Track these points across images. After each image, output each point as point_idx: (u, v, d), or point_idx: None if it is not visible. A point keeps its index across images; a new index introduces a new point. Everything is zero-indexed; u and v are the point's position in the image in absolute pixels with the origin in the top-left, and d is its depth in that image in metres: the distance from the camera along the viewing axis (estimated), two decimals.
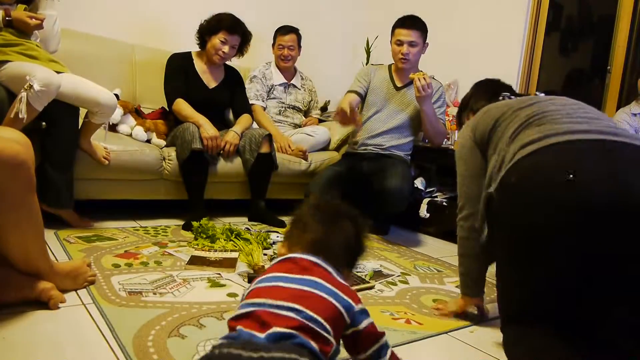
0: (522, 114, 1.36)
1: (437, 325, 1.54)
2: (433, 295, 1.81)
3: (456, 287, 1.85)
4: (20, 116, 1.69)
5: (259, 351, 0.81)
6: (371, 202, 2.67)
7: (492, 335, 1.50)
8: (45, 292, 1.37)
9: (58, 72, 1.94)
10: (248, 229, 2.45)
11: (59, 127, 2.04)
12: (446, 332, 1.50)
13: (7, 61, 1.85)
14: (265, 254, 2.06)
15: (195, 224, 2.20)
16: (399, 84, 2.72)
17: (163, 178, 2.47)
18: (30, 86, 1.71)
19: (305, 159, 2.88)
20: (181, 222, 2.47)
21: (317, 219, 1.11)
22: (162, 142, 2.58)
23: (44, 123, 2.04)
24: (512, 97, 1.64)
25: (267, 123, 2.97)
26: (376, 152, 2.69)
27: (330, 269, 1.03)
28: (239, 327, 0.90)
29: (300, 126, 3.24)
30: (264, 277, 1.02)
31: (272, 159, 2.67)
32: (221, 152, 2.58)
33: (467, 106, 1.82)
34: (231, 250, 2.04)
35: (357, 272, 1.96)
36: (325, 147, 3.13)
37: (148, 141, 2.56)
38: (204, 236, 2.15)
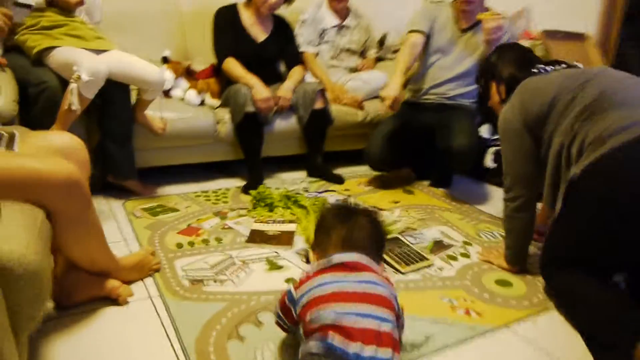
0: (585, 94, 1.43)
1: (498, 316, 1.49)
2: (495, 275, 1.74)
3: None
4: (73, 108, 1.70)
5: None
6: (434, 159, 2.55)
7: (554, 329, 1.44)
8: (114, 290, 1.45)
9: (105, 51, 1.91)
10: (306, 190, 2.43)
11: (113, 104, 2.05)
12: (507, 326, 1.45)
13: (55, 47, 1.84)
14: None
15: (252, 192, 2.21)
16: (464, 25, 2.45)
17: (219, 140, 2.47)
18: (79, 77, 1.70)
19: (362, 109, 2.75)
20: (241, 183, 2.50)
21: (336, 220, 1.25)
22: (216, 102, 2.54)
23: (97, 101, 2.06)
24: (548, 68, 1.64)
25: (319, 72, 2.83)
26: (440, 101, 2.50)
27: (370, 263, 1.15)
28: (330, 337, 1.00)
29: (356, 70, 3.06)
30: (320, 281, 1.11)
31: (327, 115, 2.57)
32: (275, 111, 2.51)
33: (492, 73, 1.80)
34: (289, 221, 2.05)
35: (417, 243, 1.92)
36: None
37: (202, 102, 2.53)
38: (262, 204, 2.16)
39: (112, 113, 2.06)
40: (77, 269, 1.42)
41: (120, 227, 1.98)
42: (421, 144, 2.54)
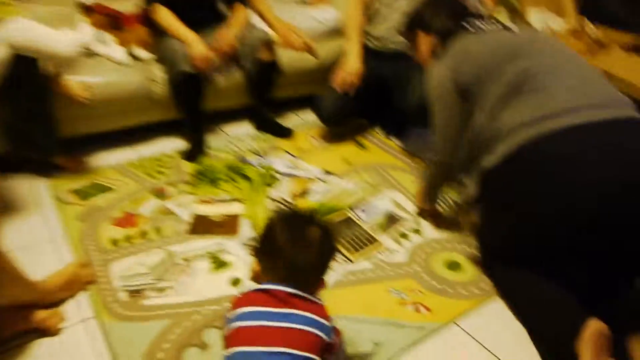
0: (509, 70, 1.35)
1: (447, 309, 1.49)
2: (447, 255, 1.71)
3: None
4: None
5: None
6: (389, 107, 2.40)
7: (499, 322, 1.45)
8: (42, 322, 1.34)
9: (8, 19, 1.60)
10: (254, 152, 2.27)
11: (19, 78, 1.76)
12: (455, 322, 1.45)
13: None
14: (270, 197, 1.95)
15: (193, 167, 2.05)
16: None
17: (154, 102, 2.22)
18: None
19: (316, 56, 2.49)
20: (181, 144, 2.31)
21: (286, 240, 1.08)
22: (147, 55, 2.25)
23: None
24: (482, 26, 1.52)
25: (264, 8, 2.49)
26: (395, 49, 2.27)
27: (305, 295, 1.05)
28: None
29: (305, 2, 2.74)
30: (245, 311, 1.03)
31: (275, 67, 2.33)
32: (218, 67, 2.25)
33: (421, 22, 1.68)
34: (234, 199, 1.92)
35: (368, 220, 1.85)
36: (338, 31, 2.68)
37: (133, 56, 2.23)
38: (205, 179, 2.02)
39: (17, 90, 1.79)
40: None
41: (47, 220, 1.81)
42: (375, 94, 2.37)
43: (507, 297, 1.48)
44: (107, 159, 2.19)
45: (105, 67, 2.12)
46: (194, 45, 2.07)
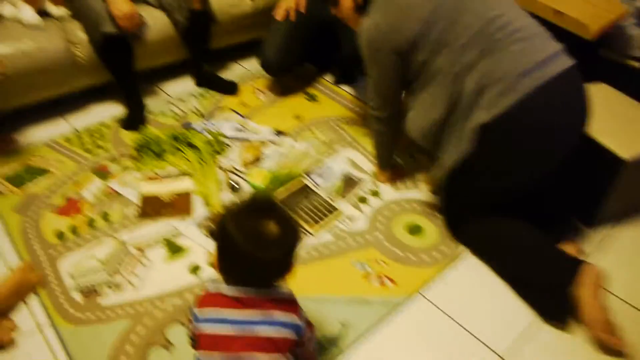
0: (467, 17, 1.34)
1: (411, 279, 1.50)
2: (408, 217, 1.71)
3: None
4: None
5: None
6: (336, 52, 2.27)
7: (464, 286, 1.49)
8: None
9: None
10: (197, 113, 2.13)
11: None
12: (420, 292, 1.48)
13: None
14: (220, 167, 1.86)
15: (133, 138, 1.90)
16: None
17: (79, 67, 2.00)
18: None
19: None
20: (118, 109, 2.14)
21: (244, 242, 0.95)
22: (63, 12, 1.99)
23: None
24: None
25: None
26: None
27: (273, 295, 1.01)
28: None
29: None
30: (212, 315, 0.99)
31: (208, 14, 2.13)
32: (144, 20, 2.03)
33: None
34: (182, 174, 1.82)
35: (325, 185, 1.81)
36: None
37: (45, 14, 1.97)
38: (148, 152, 1.89)
39: None
40: None
41: None
42: (321, 37, 2.23)
43: (483, 252, 1.55)
44: (38, 135, 2.01)
45: (17, 34, 1.87)
46: (116, 1, 1.84)
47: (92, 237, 1.60)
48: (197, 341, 1.00)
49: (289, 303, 1.04)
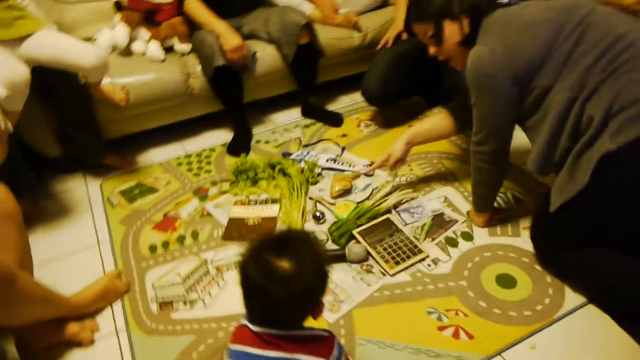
0: (590, 35, 1.22)
1: (492, 337, 1.31)
2: (500, 266, 1.52)
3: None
4: (1, 128, 1.47)
5: None
6: (433, 88, 2.18)
7: (557, 353, 1.26)
8: (74, 336, 1.38)
9: (27, 36, 1.61)
10: (299, 142, 2.17)
11: (58, 89, 1.80)
12: (500, 354, 1.28)
13: None
14: (310, 197, 1.85)
15: (233, 163, 2.00)
16: None
17: (194, 97, 2.18)
18: None
19: (359, 30, 2.32)
20: (228, 135, 2.28)
21: (255, 272, 0.90)
22: (187, 47, 2.20)
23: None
24: None
25: None
26: None
27: (293, 334, 0.94)
28: None
29: None
30: (236, 350, 0.95)
31: (316, 48, 2.19)
32: (254, 52, 2.16)
33: (447, 8, 1.37)
34: (272, 201, 1.85)
35: (413, 222, 1.69)
36: (383, 3, 2.46)
37: (170, 49, 2.20)
38: (244, 177, 1.96)
39: (60, 99, 1.82)
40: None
41: (96, 221, 1.87)
42: (430, 68, 2.14)
43: (590, 284, 1.38)
44: (156, 157, 2.21)
45: (142, 67, 2.10)
46: (225, 35, 2.00)
47: (180, 254, 1.69)
48: None
49: (320, 343, 0.95)
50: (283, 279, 0.89)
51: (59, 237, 1.81)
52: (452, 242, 1.62)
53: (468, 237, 1.64)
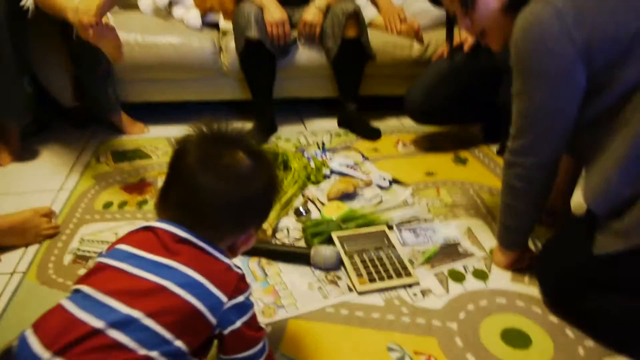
0: None
1: None
2: (513, 318, 1.06)
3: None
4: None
5: None
6: (491, 115, 1.82)
7: None
8: None
9: None
10: (320, 146, 1.87)
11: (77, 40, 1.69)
12: None
13: None
14: (303, 194, 1.53)
15: None
16: None
17: (222, 74, 2.00)
18: None
19: (421, 40, 2.03)
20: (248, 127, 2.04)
21: (193, 161, 0.74)
22: (227, 24, 2.05)
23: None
24: None
25: None
26: None
27: (204, 245, 0.72)
28: (27, 334, 0.65)
29: None
30: (116, 248, 0.72)
31: (363, 46, 1.92)
32: (296, 38, 1.95)
33: None
34: None
35: (415, 245, 1.29)
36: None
37: (215, 26, 2.06)
38: None
39: (80, 46, 1.71)
40: None
41: (72, 172, 1.69)
42: (489, 92, 1.78)
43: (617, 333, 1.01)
44: (169, 131, 2.02)
45: (174, 28, 1.96)
46: (269, 7, 1.81)
47: (132, 216, 1.43)
48: (84, 275, 0.71)
49: (220, 267, 0.72)
50: (231, 169, 0.73)
51: (24, 175, 1.65)
52: (457, 277, 1.19)
53: (481, 275, 1.20)
